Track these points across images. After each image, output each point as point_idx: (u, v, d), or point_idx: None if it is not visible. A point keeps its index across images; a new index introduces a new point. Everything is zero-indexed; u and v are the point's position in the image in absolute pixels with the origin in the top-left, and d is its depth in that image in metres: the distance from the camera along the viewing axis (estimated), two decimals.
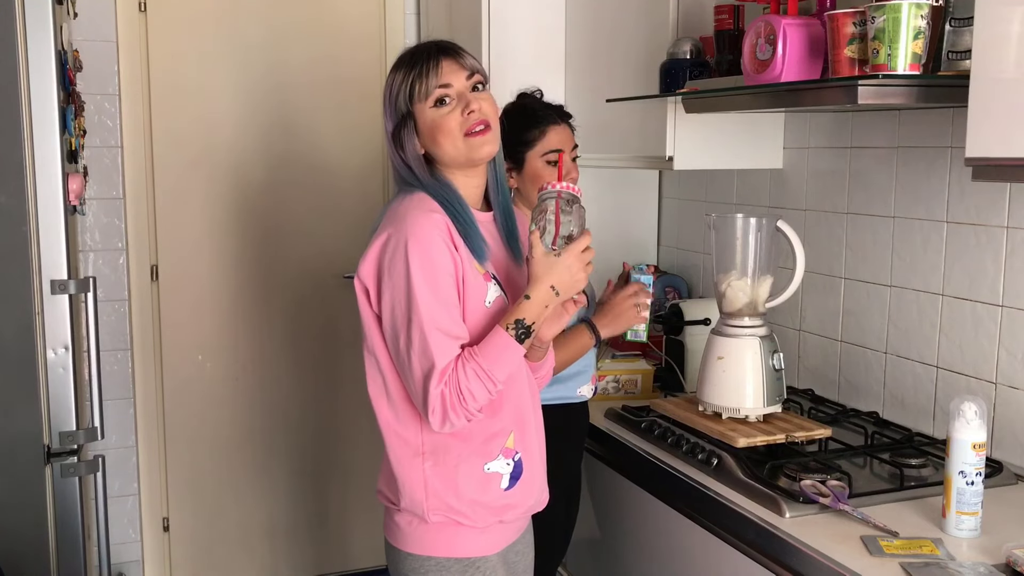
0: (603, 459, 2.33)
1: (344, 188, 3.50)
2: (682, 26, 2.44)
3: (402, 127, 1.67)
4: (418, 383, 1.60)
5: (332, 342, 3.57)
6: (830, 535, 1.66)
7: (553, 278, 1.64)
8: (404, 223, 1.61)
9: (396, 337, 1.62)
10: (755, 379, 2.07)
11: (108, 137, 3.24)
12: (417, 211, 1.62)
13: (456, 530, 1.69)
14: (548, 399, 2.13)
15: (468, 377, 1.58)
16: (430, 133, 1.66)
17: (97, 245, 3.28)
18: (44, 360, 2.00)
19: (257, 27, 3.37)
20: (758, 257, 2.11)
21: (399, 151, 1.69)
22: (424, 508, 1.67)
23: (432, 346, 1.57)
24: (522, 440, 1.73)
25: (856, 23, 1.73)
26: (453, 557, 1.69)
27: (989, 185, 2.01)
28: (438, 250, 1.59)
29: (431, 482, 1.67)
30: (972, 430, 1.63)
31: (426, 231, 1.59)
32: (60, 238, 2.00)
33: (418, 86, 1.65)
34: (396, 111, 1.68)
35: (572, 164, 2.17)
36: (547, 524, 2.15)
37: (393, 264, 1.60)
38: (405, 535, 1.72)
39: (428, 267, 1.58)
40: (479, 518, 1.69)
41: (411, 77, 1.66)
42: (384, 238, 1.63)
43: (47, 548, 2.04)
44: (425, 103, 1.66)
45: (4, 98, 1.91)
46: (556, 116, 2.16)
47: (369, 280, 1.65)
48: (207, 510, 3.52)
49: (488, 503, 1.69)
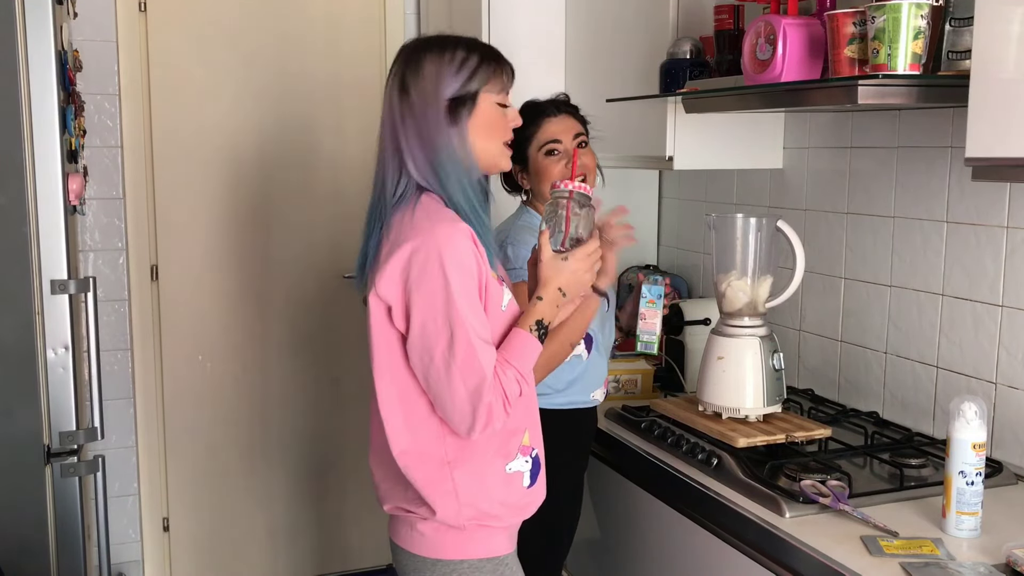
0: (603, 459, 2.33)
1: (344, 188, 3.50)
2: (682, 26, 2.44)
3: (463, 104, 1.63)
4: (461, 397, 1.56)
5: (332, 342, 3.57)
6: (830, 535, 1.66)
7: (560, 281, 1.67)
8: (432, 234, 1.56)
9: (430, 352, 1.57)
10: (755, 379, 2.07)
11: (108, 137, 3.24)
12: (441, 222, 1.58)
13: (485, 531, 1.69)
14: (563, 404, 2.14)
15: (510, 383, 1.59)
16: (485, 126, 1.64)
17: (97, 245, 3.28)
18: (44, 360, 2.00)
19: (257, 27, 3.37)
20: (758, 257, 2.11)
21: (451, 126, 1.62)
22: (460, 517, 1.66)
23: (480, 358, 1.55)
24: (535, 436, 1.74)
25: (856, 23, 1.73)
26: (485, 557, 1.69)
27: (989, 185, 2.01)
28: (471, 260, 1.57)
29: (462, 490, 1.65)
30: (972, 430, 1.63)
31: (457, 242, 1.56)
32: (60, 238, 2.00)
33: (496, 79, 1.64)
34: (462, 86, 1.62)
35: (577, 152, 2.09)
36: (554, 526, 2.15)
37: (424, 277, 1.55)
38: (434, 542, 1.69)
39: (465, 279, 1.56)
40: (507, 518, 1.70)
41: (491, 66, 1.64)
42: (408, 251, 1.56)
43: (47, 548, 2.04)
44: (493, 97, 1.65)
45: (4, 98, 1.91)
46: (552, 108, 2.14)
47: (393, 296, 1.59)
48: (207, 510, 3.52)
49: (514, 503, 1.70)
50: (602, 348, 2.21)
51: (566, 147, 2.12)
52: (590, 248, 1.69)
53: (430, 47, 1.65)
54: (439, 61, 1.62)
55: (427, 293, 1.55)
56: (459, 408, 1.57)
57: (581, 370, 2.14)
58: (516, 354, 1.62)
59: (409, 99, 1.63)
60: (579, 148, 2.13)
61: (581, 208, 1.71)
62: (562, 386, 2.12)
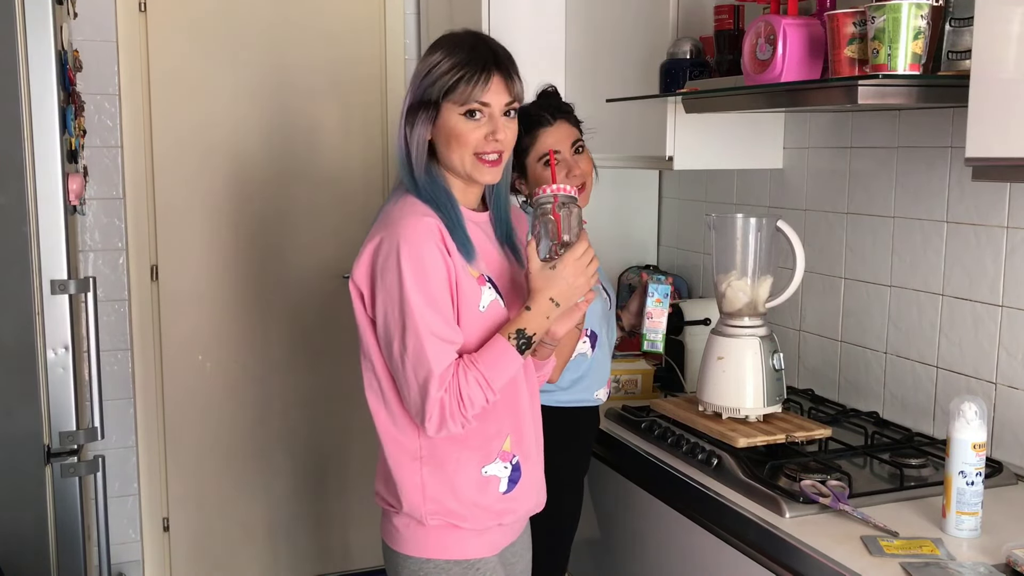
0: (603, 459, 2.32)
1: (344, 188, 3.50)
2: (682, 26, 2.44)
3: (422, 110, 1.63)
4: (414, 389, 1.58)
5: (332, 342, 3.57)
6: (830, 535, 1.66)
7: (552, 291, 1.63)
8: (396, 227, 1.59)
9: (390, 342, 1.60)
10: (755, 379, 2.07)
11: (108, 137, 3.24)
12: (410, 215, 1.60)
13: (455, 532, 1.69)
14: (566, 402, 2.14)
15: (469, 384, 1.57)
16: (447, 136, 1.63)
17: (97, 245, 3.28)
18: (44, 360, 2.00)
19: (257, 27, 3.37)
20: (758, 257, 2.11)
21: (406, 128, 1.64)
22: (422, 512, 1.67)
23: (428, 352, 1.56)
24: (519, 444, 1.73)
25: (856, 23, 1.73)
26: (452, 559, 1.69)
27: (989, 185, 2.01)
28: (430, 254, 1.58)
29: (429, 486, 1.67)
30: (972, 430, 1.63)
31: (418, 234, 1.58)
32: (60, 238, 2.00)
33: (461, 88, 1.60)
34: (424, 93, 1.62)
35: (575, 159, 2.08)
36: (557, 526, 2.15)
37: (386, 268, 1.58)
38: (403, 538, 1.71)
39: (420, 272, 1.57)
40: (478, 520, 1.69)
41: (457, 75, 1.60)
42: (376, 242, 1.61)
43: (47, 548, 2.04)
44: (457, 106, 1.61)
45: (4, 98, 1.91)
46: (547, 117, 2.08)
47: (363, 284, 1.63)
48: (207, 510, 3.51)
49: (488, 506, 1.69)
50: (606, 347, 2.21)
51: (564, 157, 2.08)
52: (578, 252, 1.63)
53: (433, 46, 1.68)
54: (422, 63, 1.66)
55: (387, 284, 1.58)
56: (412, 399, 1.60)
57: (585, 368, 2.14)
58: (485, 358, 1.59)
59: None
60: (576, 154, 2.10)
61: (563, 210, 1.66)
62: (566, 384, 2.12)
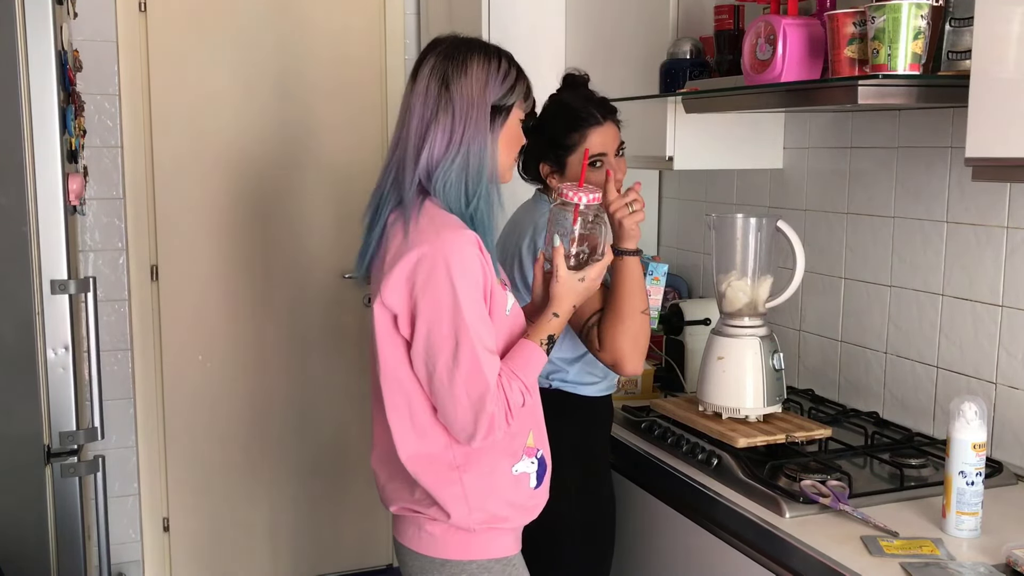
0: None
1: (344, 187, 3.50)
2: (682, 26, 2.44)
3: (500, 114, 1.64)
4: (464, 406, 1.56)
5: (332, 342, 3.57)
6: (830, 535, 1.66)
7: (576, 299, 1.71)
8: (439, 242, 1.55)
9: (434, 360, 1.57)
10: (755, 379, 2.07)
11: (108, 137, 3.24)
12: (448, 227, 1.57)
13: (495, 532, 1.69)
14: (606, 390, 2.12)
15: (514, 393, 1.60)
16: (509, 139, 1.67)
17: (97, 245, 3.28)
18: (44, 360, 2.00)
19: (257, 27, 3.37)
20: (758, 257, 2.11)
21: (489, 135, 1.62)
22: (470, 521, 1.66)
23: (485, 368, 1.55)
24: (539, 438, 1.74)
25: (856, 23, 1.73)
26: (493, 558, 1.70)
27: (989, 185, 2.01)
28: (477, 268, 1.57)
29: (471, 494, 1.66)
30: (972, 430, 1.63)
31: (464, 249, 1.56)
32: (60, 238, 2.00)
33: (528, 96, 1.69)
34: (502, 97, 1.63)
35: (618, 162, 2.02)
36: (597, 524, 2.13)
37: (430, 285, 1.54)
38: (443, 543, 1.69)
39: (471, 287, 1.55)
40: (516, 519, 1.71)
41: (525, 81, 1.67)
42: (414, 258, 1.56)
43: (47, 548, 2.04)
44: (521, 112, 1.68)
45: (4, 98, 1.91)
46: (598, 115, 2.00)
47: (399, 304, 1.58)
48: (207, 510, 3.52)
49: (522, 504, 1.70)
50: None
51: (610, 160, 2.00)
52: (606, 263, 1.72)
53: (474, 49, 1.64)
54: (487, 66, 1.63)
55: (432, 301, 1.54)
56: (461, 417, 1.57)
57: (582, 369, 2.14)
58: (523, 365, 1.63)
59: (449, 95, 1.61)
60: (619, 157, 2.03)
61: (595, 220, 1.69)
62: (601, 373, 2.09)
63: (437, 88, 1.62)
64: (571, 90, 2.10)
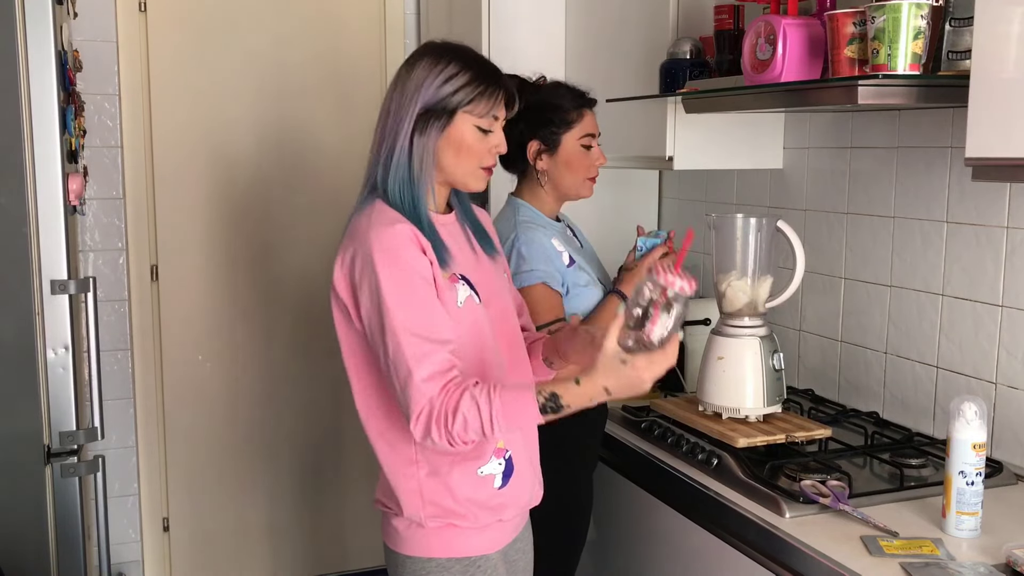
0: (603, 459, 2.32)
1: (344, 187, 3.49)
2: (682, 26, 2.44)
3: (434, 118, 1.62)
4: (397, 390, 1.57)
5: (332, 342, 3.53)
6: (830, 535, 1.66)
7: (611, 381, 1.50)
8: (367, 237, 1.59)
9: (376, 350, 1.61)
10: (755, 379, 2.07)
11: (108, 137, 3.24)
12: (379, 224, 1.60)
13: (455, 531, 1.69)
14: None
15: (468, 404, 1.50)
16: (457, 145, 1.64)
17: (97, 245, 3.28)
18: (44, 360, 2.00)
19: (257, 27, 3.37)
20: (758, 257, 2.11)
21: (415, 134, 1.62)
22: (422, 515, 1.67)
23: (405, 351, 1.54)
24: (510, 439, 1.72)
25: (856, 23, 1.73)
26: (454, 557, 1.69)
27: (989, 185, 2.01)
28: (408, 256, 1.58)
29: (426, 489, 1.67)
30: (972, 430, 1.63)
31: (393, 242, 1.58)
32: (60, 238, 2.00)
33: (483, 101, 1.63)
34: (441, 101, 1.62)
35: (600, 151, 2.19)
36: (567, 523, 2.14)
37: (363, 278, 1.59)
38: (404, 539, 1.71)
39: (398, 275, 1.57)
40: (477, 518, 1.69)
41: (479, 87, 1.62)
42: (350, 253, 1.61)
43: (47, 548, 2.04)
44: (474, 118, 1.64)
45: (4, 98, 1.91)
46: (592, 101, 2.19)
47: (347, 295, 1.63)
48: (207, 510, 3.51)
49: (484, 502, 1.69)
50: None
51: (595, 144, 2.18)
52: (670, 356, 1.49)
53: (430, 53, 1.66)
54: (429, 68, 1.63)
55: (366, 292, 1.59)
56: (400, 402, 1.58)
57: None
58: (505, 398, 1.51)
59: (392, 96, 1.66)
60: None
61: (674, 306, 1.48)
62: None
63: (390, 90, 1.67)
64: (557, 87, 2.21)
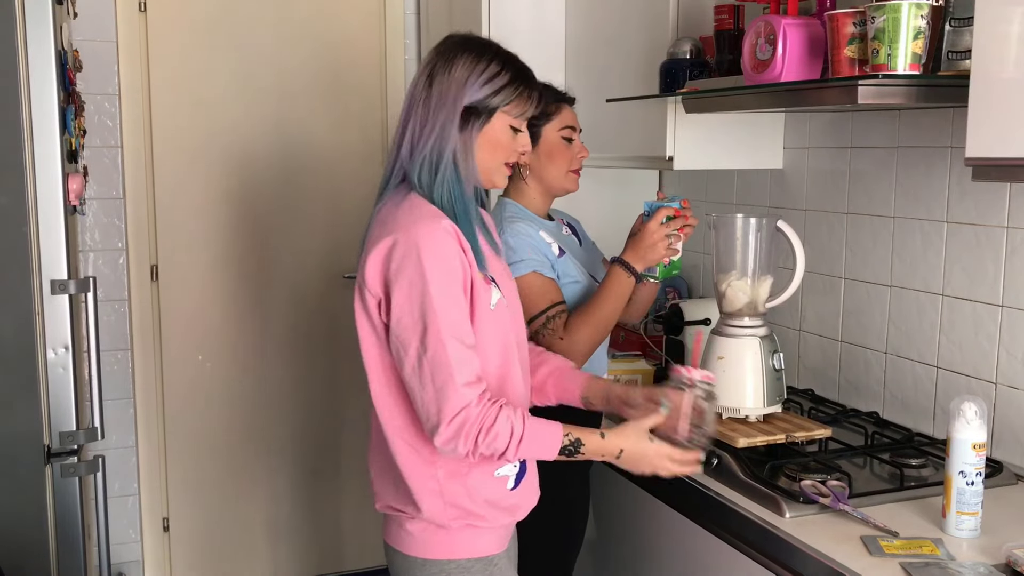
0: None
1: (344, 187, 3.50)
2: (682, 26, 2.44)
3: (475, 116, 1.63)
4: (429, 393, 1.55)
5: (332, 342, 3.57)
6: (830, 535, 1.66)
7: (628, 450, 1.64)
8: (413, 229, 1.56)
9: (405, 346, 1.57)
10: (755, 379, 2.07)
11: (108, 137, 3.24)
12: (425, 218, 1.58)
13: (475, 531, 1.69)
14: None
15: (504, 425, 1.55)
16: (492, 144, 1.66)
17: (97, 245, 3.28)
18: (44, 360, 2.00)
19: (257, 27, 3.37)
20: (758, 257, 2.11)
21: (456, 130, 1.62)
22: (444, 517, 1.66)
23: (450, 355, 1.53)
24: None
25: (856, 23, 1.73)
26: (473, 557, 1.69)
27: (989, 185, 2.01)
28: (452, 257, 1.56)
29: (447, 490, 1.66)
30: (972, 430, 1.63)
31: (438, 237, 1.56)
32: (60, 238, 2.00)
33: (520, 105, 1.67)
34: (484, 99, 1.63)
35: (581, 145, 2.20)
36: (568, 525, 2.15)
37: (403, 270, 1.55)
38: (421, 541, 1.69)
39: (445, 275, 1.55)
40: (494, 518, 1.69)
41: (520, 87, 1.65)
42: (389, 244, 1.57)
43: (47, 548, 2.04)
44: (510, 118, 1.66)
45: (4, 98, 1.91)
46: (570, 96, 2.20)
47: (375, 289, 1.60)
48: (207, 510, 3.52)
49: (497, 502, 1.70)
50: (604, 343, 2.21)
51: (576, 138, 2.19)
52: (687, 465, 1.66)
53: (469, 48, 1.65)
54: (471, 66, 1.63)
55: (405, 286, 1.55)
56: (426, 405, 1.56)
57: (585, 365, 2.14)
58: (533, 426, 1.58)
59: (430, 92, 1.64)
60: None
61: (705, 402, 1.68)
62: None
63: (424, 82, 1.66)
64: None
